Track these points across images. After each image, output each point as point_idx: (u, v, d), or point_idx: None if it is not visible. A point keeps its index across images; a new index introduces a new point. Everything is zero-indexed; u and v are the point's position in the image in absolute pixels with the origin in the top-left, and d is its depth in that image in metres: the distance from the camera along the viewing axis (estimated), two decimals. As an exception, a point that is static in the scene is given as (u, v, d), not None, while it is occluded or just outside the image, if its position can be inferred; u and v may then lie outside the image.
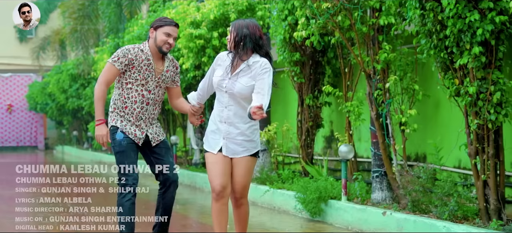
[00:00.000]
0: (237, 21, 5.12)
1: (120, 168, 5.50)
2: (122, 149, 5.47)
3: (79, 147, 24.35)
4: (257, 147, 5.14)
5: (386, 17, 7.02)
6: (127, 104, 5.45)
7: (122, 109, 5.47)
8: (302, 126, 9.18)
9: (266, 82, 4.91)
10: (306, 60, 8.83)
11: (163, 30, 5.38)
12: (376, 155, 7.56)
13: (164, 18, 5.49)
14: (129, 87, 5.42)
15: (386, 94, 7.24)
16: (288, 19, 8.42)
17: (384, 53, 7.08)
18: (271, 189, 8.92)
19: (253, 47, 4.96)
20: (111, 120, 5.52)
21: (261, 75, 4.91)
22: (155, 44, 5.40)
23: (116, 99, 5.48)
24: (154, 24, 5.46)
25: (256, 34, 4.98)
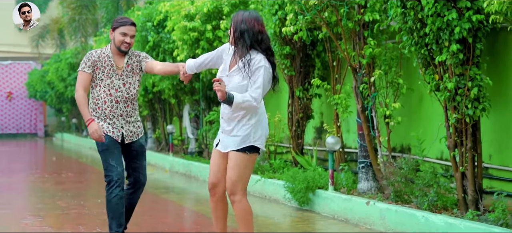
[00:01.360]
0: (236, 14, 5.01)
1: (105, 165, 5.74)
2: (105, 147, 5.72)
3: (78, 135, 24.60)
4: (248, 142, 5.02)
5: (371, 14, 7.26)
6: (99, 104, 5.74)
7: (96, 110, 5.76)
8: (292, 117, 9.43)
9: (259, 79, 4.88)
10: (296, 53, 9.08)
11: (119, 31, 5.69)
12: (362, 146, 7.81)
13: (120, 18, 5.78)
14: (97, 88, 5.73)
15: (371, 87, 7.49)
16: (278, 13, 8.65)
17: (369, 48, 7.32)
18: (262, 179, 9.18)
19: (251, 43, 4.89)
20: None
21: (254, 73, 4.89)
22: (115, 44, 5.72)
23: (91, 102, 5.79)
24: (112, 26, 5.77)
25: (254, 29, 4.89)
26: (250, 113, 5.02)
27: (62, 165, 15.72)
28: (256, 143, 5.06)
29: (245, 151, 5.03)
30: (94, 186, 11.60)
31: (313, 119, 9.56)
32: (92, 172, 13.80)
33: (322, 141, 10.07)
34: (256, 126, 5.07)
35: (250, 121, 5.03)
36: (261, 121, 5.11)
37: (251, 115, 5.03)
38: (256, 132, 5.06)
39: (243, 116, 5.03)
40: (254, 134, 5.05)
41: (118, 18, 5.79)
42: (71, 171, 13.77)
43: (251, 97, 4.88)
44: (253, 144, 5.05)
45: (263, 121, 5.15)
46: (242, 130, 5.04)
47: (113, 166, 5.70)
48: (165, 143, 14.92)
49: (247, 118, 5.02)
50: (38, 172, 13.51)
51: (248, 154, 5.05)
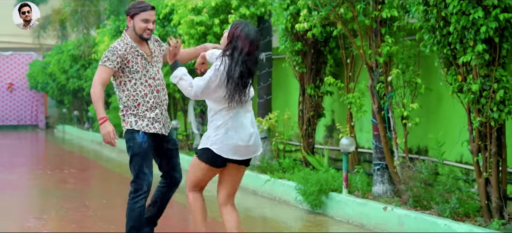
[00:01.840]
0: (237, 26, 4.90)
1: (137, 170, 5.32)
2: (142, 151, 5.28)
3: (80, 127, 24.31)
4: (204, 144, 4.96)
5: (389, 10, 6.95)
6: (138, 100, 5.29)
7: (135, 108, 5.29)
8: (303, 115, 9.13)
9: (207, 74, 4.82)
10: (308, 49, 8.77)
11: (140, 17, 5.22)
12: (378, 148, 7.52)
13: (138, 3, 5.29)
14: (133, 83, 5.27)
15: (388, 87, 7.19)
16: (290, 8, 8.35)
17: (386, 46, 7.01)
18: (272, 179, 8.89)
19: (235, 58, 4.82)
20: (126, 124, 5.31)
21: (210, 68, 4.90)
22: (135, 32, 5.27)
23: (125, 101, 5.31)
24: (129, 12, 5.27)
25: (244, 50, 4.81)
26: (219, 118, 4.92)
27: (64, 160, 15.44)
28: (213, 147, 4.91)
29: (196, 152, 5.04)
30: (98, 184, 11.33)
31: (324, 117, 9.25)
32: (95, 168, 13.53)
33: (334, 140, 9.77)
34: (209, 126, 4.99)
35: (213, 123, 4.97)
36: (228, 130, 4.91)
37: (219, 121, 4.91)
38: (206, 133, 5.00)
39: (211, 117, 4.98)
40: (204, 136, 4.99)
41: (135, 4, 5.28)
42: (73, 166, 13.48)
43: (191, 81, 4.87)
44: (209, 147, 4.91)
45: (229, 133, 4.92)
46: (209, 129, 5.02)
47: (145, 175, 5.30)
48: (169, 138, 14.61)
49: (214, 121, 4.96)
50: (40, 168, 13.21)
51: (196, 156, 5.03)
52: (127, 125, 5.30)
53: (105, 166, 13.84)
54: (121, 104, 5.36)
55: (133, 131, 5.29)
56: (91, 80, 19.45)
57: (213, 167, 5.00)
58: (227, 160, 4.96)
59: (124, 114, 5.33)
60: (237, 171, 5.10)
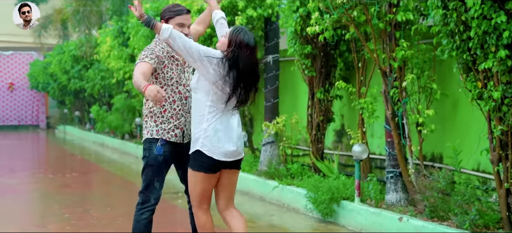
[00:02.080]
0: (236, 31, 4.76)
1: (147, 182, 5.07)
2: (156, 164, 5.03)
3: (81, 128, 24.09)
4: (196, 146, 4.78)
5: (404, 13, 6.71)
6: (166, 106, 5.04)
7: (160, 114, 5.04)
8: (312, 120, 8.90)
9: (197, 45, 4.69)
10: (318, 53, 8.53)
11: (175, 21, 4.99)
12: (391, 155, 7.29)
13: (173, 7, 5.06)
14: (164, 89, 5.03)
15: (402, 92, 6.95)
16: (299, 10, 8.11)
17: (401, 51, 6.77)
18: (280, 185, 8.66)
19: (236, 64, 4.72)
20: (146, 133, 5.08)
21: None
22: None
23: (152, 107, 5.04)
24: (164, 16, 5.05)
25: (245, 57, 4.71)
26: (208, 118, 4.76)
27: (66, 162, 15.21)
28: (204, 149, 4.74)
29: (190, 165, 4.83)
30: (101, 189, 11.09)
31: (334, 122, 9.01)
32: (97, 171, 13.29)
33: (343, 145, 9.53)
34: (207, 132, 4.77)
35: (201, 125, 4.78)
36: (217, 131, 4.77)
37: (207, 121, 4.75)
38: (206, 137, 4.77)
39: (199, 116, 4.80)
40: (204, 140, 4.76)
41: (170, 7, 5.05)
42: (75, 170, 13.25)
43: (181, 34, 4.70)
44: (200, 149, 4.74)
45: (219, 134, 4.78)
46: (194, 131, 4.83)
47: (155, 188, 5.06)
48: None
49: (202, 122, 4.78)
50: (41, 172, 12.98)
51: (193, 170, 4.81)
52: (147, 134, 5.08)
53: (107, 168, 13.61)
54: (146, 110, 5.10)
55: (151, 141, 5.05)
56: (92, 80, 19.25)
57: (210, 173, 4.82)
58: (220, 163, 4.81)
59: (147, 121, 5.09)
60: (232, 174, 4.99)
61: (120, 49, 14.54)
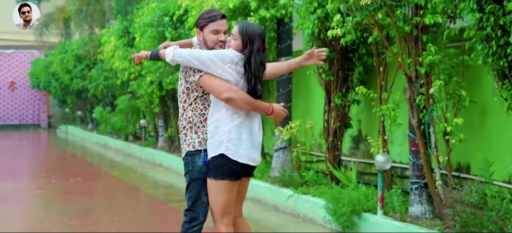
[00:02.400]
0: (244, 27, 4.56)
1: (196, 197, 4.66)
2: (201, 176, 4.63)
3: (83, 128, 23.71)
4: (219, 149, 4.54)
5: (432, 16, 6.31)
6: (206, 114, 4.68)
7: (201, 124, 4.66)
8: (329, 126, 8.50)
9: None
10: (336, 56, 8.14)
11: (210, 29, 4.63)
12: (415, 165, 6.90)
13: (207, 13, 4.68)
14: (203, 97, 4.65)
15: (429, 99, 6.56)
16: (317, 12, 7.72)
17: (428, 56, 6.38)
18: (295, 194, 8.27)
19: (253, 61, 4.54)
20: (187, 145, 4.67)
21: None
22: (206, 45, 4.67)
23: (191, 116, 4.66)
24: (198, 24, 4.69)
25: (261, 49, 4.55)
26: (231, 120, 4.54)
27: (69, 165, 14.81)
28: (228, 152, 4.50)
29: (210, 176, 4.56)
30: (107, 196, 10.70)
31: (351, 128, 8.61)
32: (101, 176, 12.90)
33: (360, 152, 9.14)
34: (231, 134, 4.55)
35: (223, 127, 4.55)
36: (241, 134, 4.56)
37: (229, 123, 4.53)
38: (229, 140, 4.53)
39: (217, 121, 4.57)
40: (228, 143, 4.53)
41: (203, 13, 4.70)
42: (79, 174, 12.84)
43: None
44: (224, 153, 4.49)
45: (242, 137, 4.57)
46: (214, 135, 4.57)
47: (203, 203, 4.66)
48: (178, 144, 13.99)
49: (222, 124, 4.55)
50: (43, 176, 12.57)
51: (216, 180, 4.54)
52: (188, 147, 4.66)
53: (111, 172, 13.22)
54: (183, 120, 4.71)
55: (193, 153, 4.65)
56: (95, 80, 18.84)
57: (234, 180, 4.56)
58: (243, 169, 4.55)
59: (186, 132, 4.69)
60: (246, 182, 4.81)
61: (125, 50, 14.15)
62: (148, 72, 12.98)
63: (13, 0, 26.00)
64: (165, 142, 15.18)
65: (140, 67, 13.85)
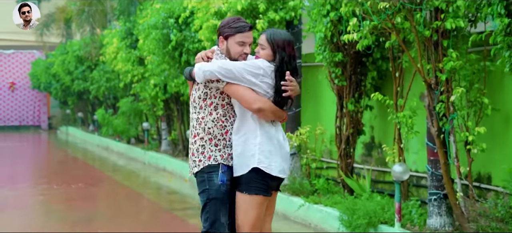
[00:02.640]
0: (272, 35, 4.34)
1: (214, 219, 4.32)
2: (220, 196, 4.30)
3: (84, 129, 23.42)
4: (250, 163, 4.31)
5: (453, 20, 6.00)
6: (227, 127, 4.36)
7: (222, 137, 4.34)
8: (341, 133, 8.20)
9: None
10: (349, 60, 7.83)
11: (235, 39, 4.34)
12: (434, 175, 6.60)
13: (233, 21, 4.37)
14: (226, 107, 4.35)
15: (450, 107, 6.26)
16: (330, 15, 7.41)
17: (449, 61, 6.07)
18: (306, 203, 7.97)
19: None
20: (206, 158, 4.32)
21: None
22: (229, 56, 4.38)
23: (211, 127, 4.32)
24: (222, 32, 4.37)
25: (291, 56, 4.34)
26: (259, 133, 4.29)
27: (70, 169, 14.52)
28: (261, 165, 4.25)
29: (242, 190, 4.29)
30: (109, 204, 10.39)
31: (364, 134, 8.31)
32: (104, 181, 12.61)
33: (373, 159, 8.83)
34: (262, 146, 4.31)
35: (254, 140, 4.30)
36: (270, 145, 4.33)
37: (258, 136, 4.28)
38: (261, 152, 4.28)
39: (245, 134, 4.32)
40: (260, 156, 4.28)
41: (230, 22, 4.39)
42: (81, 179, 12.55)
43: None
44: (258, 166, 4.24)
45: (272, 149, 4.33)
46: (243, 149, 4.33)
47: (222, 225, 4.33)
48: (182, 148, 13.69)
49: (251, 137, 4.32)
50: (44, 181, 12.27)
51: (249, 195, 4.27)
52: (209, 160, 4.31)
53: (113, 177, 12.93)
54: (201, 130, 4.34)
55: (211, 170, 4.32)
56: (97, 82, 18.55)
57: (267, 195, 4.33)
58: (274, 181, 4.35)
59: (204, 144, 4.33)
60: (275, 195, 4.59)
61: (128, 51, 13.84)
62: (151, 74, 12.67)
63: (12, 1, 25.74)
64: (168, 145, 14.88)
65: (143, 69, 13.54)
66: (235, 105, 4.34)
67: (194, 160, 4.37)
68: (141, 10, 13.39)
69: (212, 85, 4.28)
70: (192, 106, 4.41)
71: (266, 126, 4.30)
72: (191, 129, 4.42)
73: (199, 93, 4.34)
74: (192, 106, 4.41)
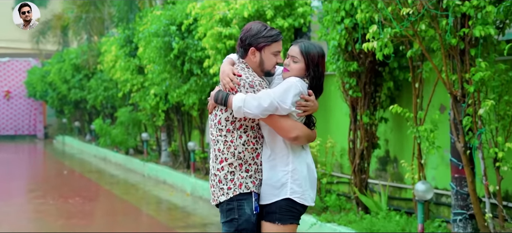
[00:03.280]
0: (307, 48, 3.89)
1: None
2: (249, 227, 3.83)
3: (81, 139, 22.92)
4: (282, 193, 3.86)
5: (482, 27, 5.54)
6: (258, 150, 3.89)
7: (253, 161, 3.86)
8: (354, 147, 7.73)
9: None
10: (364, 70, 7.37)
11: (271, 49, 3.87)
12: (459, 193, 6.15)
13: (264, 29, 3.87)
14: (256, 128, 3.87)
15: (477, 121, 5.80)
16: (345, 22, 6.96)
17: (478, 72, 5.61)
18: (318, 222, 7.50)
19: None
20: (237, 186, 3.82)
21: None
22: (262, 68, 3.90)
23: (241, 151, 3.83)
24: (256, 42, 3.85)
25: (322, 72, 3.97)
26: (291, 159, 3.86)
27: (67, 182, 14.01)
28: (294, 196, 3.82)
29: (275, 220, 3.83)
30: (107, 221, 9.89)
31: (379, 148, 7.84)
32: (102, 195, 12.12)
33: (388, 174, 8.36)
34: (295, 174, 3.87)
35: (286, 167, 3.87)
36: (302, 171, 3.88)
37: (290, 162, 3.86)
38: (294, 181, 3.85)
39: (274, 159, 3.89)
40: (292, 184, 3.85)
41: (261, 30, 3.87)
42: (78, 193, 12.06)
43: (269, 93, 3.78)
44: (291, 197, 3.82)
45: (304, 175, 3.89)
46: (273, 176, 3.88)
47: None
48: (183, 159, 13.21)
49: (280, 163, 3.87)
50: (40, 195, 11.77)
51: (283, 225, 3.83)
52: (240, 187, 3.83)
53: (112, 190, 12.43)
54: (229, 155, 3.84)
55: (241, 198, 3.84)
56: (95, 91, 18.06)
57: (298, 223, 3.96)
58: (305, 208, 3.95)
59: (234, 170, 3.84)
60: None
61: (127, 60, 13.34)
62: (151, 84, 12.20)
63: (8, 8, 25.30)
64: (168, 156, 14.40)
65: (142, 78, 13.07)
66: (263, 129, 3.88)
67: (221, 187, 3.85)
68: (140, 17, 12.91)
69: None
70: (216, 127, 3.87)
71: (297, 151, 3.86)
72: (215, 152, 3.88)
73: (226, 115, 3.82)
74: (216, 128, 3.86)
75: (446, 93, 6.97)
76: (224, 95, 3.77)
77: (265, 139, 3.88)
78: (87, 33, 17.72)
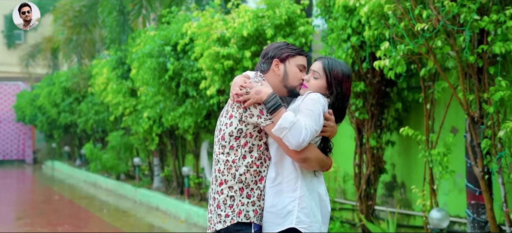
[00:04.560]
0: (330, 65, 3.53)
1: None
2: None
3: (70, 164, 22.41)
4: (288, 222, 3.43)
5: (503, 44, 5.19)
6: (262, 173, 3.49)
7: (255, 185, 3.46)
8: (360, 172, 7.34)
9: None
10: (371, 90, 7.01)
11: (296, 62, 3.53)
12: (476, 221, 5.76)
13: (286, 44, 3.59)
14: (263, 148, 3.48)
15: (497, 144, 5.43)
16: (351, 40, 6.60)
17: (499, 91, 5.25)
18: (323, 252, 7.07)
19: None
20: (236, 213, 3.43)
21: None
22: (285, 83, 3.53)
23: (243, 173, 3.44)
24: (279, 54, 3.53)
25: (347, 94, 3.59)
26: (300, 186, 3.42)
27: (56, 209, 13.52)
28: (300, 225, 3.39)
29: None
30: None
31: (386, 173, 7.46)
32: (92, 222, 11.64)
33: (395, 200, 7.96)
34: (303, 202, 3.42)
35: (293, 193, 3.43)
36: (311, 200, 3.43)
37: (298, 189, 3.41)
38: (301, 209, 3.41)
39: (280, 184, 3.46)
40: (299, 213, 3.40)
41: (286, 43, 3.59)
42: (67, 220, 11.59)
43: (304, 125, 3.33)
44: (296, 227, 3.39)
45: (313, 204, 3.44)
46: (278, 202, 3.45)
47: None
48: (176, 185, 12.76)
49: (287, 190, 3.45)
50: (28, 223, 11.29)
51: None
52: (238, 216, 3.44)
53: (102, 218, 11.96)
54: (230, 177, 3.46)
55: (239, 228, 3.44)
56: (85, 115, 17.62)
57: None
58: None
59: (233, 195, 3.45)
60: None
61: (119, 82, 12.93)
62: (145, 107, 11.78)
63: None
64: (161, 182, 13.94)
65: (135, 101, 12.65)
66: (271, 147, 3.47)
67: (219, 213, 3.46)
68: (133, 38, 12.53)
69: (250, 121, 3.40)
70: (218, 144, 3.50)
71: (307, 177, 3.44)
72: (216, 173, 3.51)
73: (230, 129, 3.44)
74: (219, 145, 3.49)
75: (457, 115, 6.63)
76: (277, 103, 3.36)
77: (272, 160, 3.47)
78: (77, 56, 17.32)
